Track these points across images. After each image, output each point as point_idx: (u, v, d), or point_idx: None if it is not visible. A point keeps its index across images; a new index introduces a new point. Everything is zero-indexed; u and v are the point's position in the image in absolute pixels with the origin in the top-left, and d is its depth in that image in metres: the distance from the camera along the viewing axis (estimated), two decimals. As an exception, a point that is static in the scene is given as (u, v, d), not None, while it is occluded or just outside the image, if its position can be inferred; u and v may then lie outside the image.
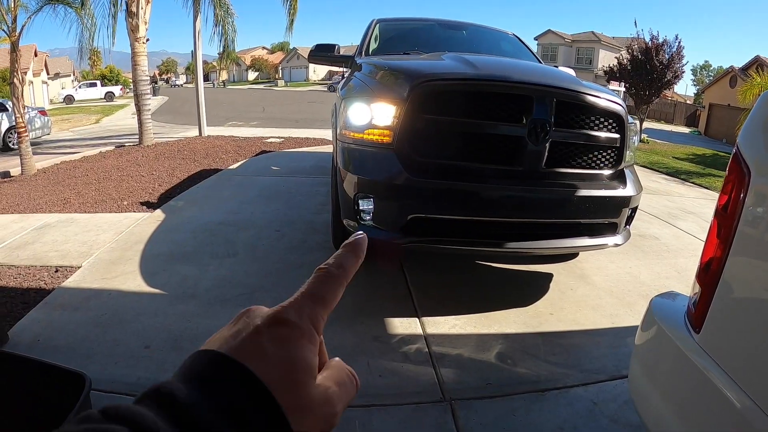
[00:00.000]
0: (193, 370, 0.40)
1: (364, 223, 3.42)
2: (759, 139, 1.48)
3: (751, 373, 1.29)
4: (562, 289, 4.21)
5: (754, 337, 1.33)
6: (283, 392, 0.40)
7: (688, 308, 1.59)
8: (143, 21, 12.86)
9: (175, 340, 3.29)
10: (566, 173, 3.49)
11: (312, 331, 0.45)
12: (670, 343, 1.60)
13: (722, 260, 1.42)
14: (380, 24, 6.13)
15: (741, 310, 1.40)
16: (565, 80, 3.65)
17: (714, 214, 1.55)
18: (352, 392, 0.48)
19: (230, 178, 8.40)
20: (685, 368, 1.51)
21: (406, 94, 3.23)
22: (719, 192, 1.57)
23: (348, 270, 0.50)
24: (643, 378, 1.83)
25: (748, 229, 1.39)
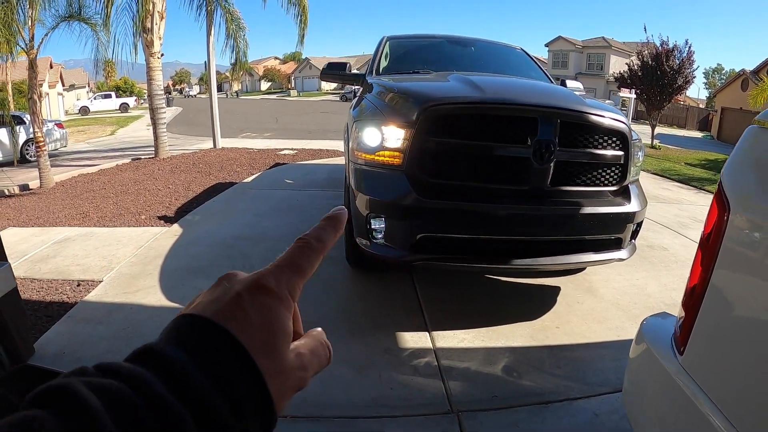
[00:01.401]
0: (178, 333, 0.42)
1: (376, 242, 3.57)
2: (740, 175, 1.57)
3: (729, 397, 1.39)
4: (569, 303, 4.32)
5: (731, 361, 1.43)
6: (262, 356, 0.42)
7: (675, 330, 1.69)
8: (158, 36, 13.10)
9: (196, 354, 3.41)
10: (571, 191, 3.60)
11: (289, 299, 0.47)
12: (657, 362, 1.70)
13: (704, 287, 1.51)
14: (390, 42, 6.27)
15: (720, 336, 1.49)
16: (569, 100, 3.76)
17: (698, 244, 1.63)
18: (324, 362, 0.50)
19: (245, 192, 8.55)
20: (670, 388, 1.60)
21: (414, 118, 3.36)
22: None
23: (326, 242, 0.52)
24: (634, 393, 1.95)
25: (727, 261, 1.47)
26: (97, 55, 12.26)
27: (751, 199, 1.49)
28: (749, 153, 1.59)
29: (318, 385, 3.10)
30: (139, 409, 0.34)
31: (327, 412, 2.87)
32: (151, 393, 0.36)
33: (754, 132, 1.56)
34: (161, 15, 13.25)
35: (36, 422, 0.31)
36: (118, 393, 0.35)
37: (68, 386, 0.34)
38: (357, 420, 2.86)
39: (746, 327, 1.40)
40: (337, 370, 3.24)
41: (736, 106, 35.16)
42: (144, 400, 0.35)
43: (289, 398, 0.45)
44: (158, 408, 0.35)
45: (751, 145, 1.58)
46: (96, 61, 12.51)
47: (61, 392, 0.34)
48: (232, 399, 0.39)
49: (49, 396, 0.34)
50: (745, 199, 1.49)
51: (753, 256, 1.42)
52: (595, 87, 54.98)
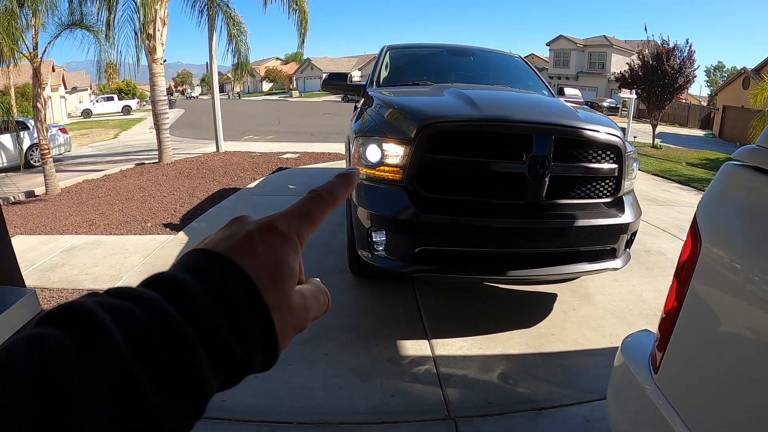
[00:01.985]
0: (190, 264, 0.43)
1: (377, 254, 3.70)
2: (714, 211, 1.65)
3: (698, 416, 1.50)
4: (565, 310, 4.43)
5: (701, 383, 1.54)
6: (270, 292, 0.44)
7: (652, 350, 1.81)
8: (160, 42, 13.24)
9: (206, 362, 3.54)
10: (566, 204, 3.72)
11: (297, 242, 0.49)
12: (634, 379, 1.81)
13: (677, 313, 1.62)
14: (390, 51, 6.39)
15: (690, 359, 1.60)
16: (563, 116, 3.89)
17: (674, 272, 1.74)
18: (324, 308, 0.53)
19: (249, 198, 8.70)
20: (645, 404, 1.71)
21: (413, 135, 3.49)
22: None
23: (337, 197, 0.55)
24: (614, 404, 2.08)
25: (697, 290, 1.57)
26: (99, 62, 12.39)
27: (722, 236, 1.58)
28: (724, 190, 1.66)
29: (324, 392, 3.25)
30: (150, 329, 0.36)
31: (332, 418, 2.99)
32: (162, 314, 0.37)
33: (729, 169, 1.63)
34: (164, 21, 13.39)
35: (48, 339, 0.33)
36: (129, 313, 0.37)
37: (80, 305, 0.36)
38: (360, 426, 2.97)
39: (714, 352, 1.50)
40: (342, 378, 3.38)
41: (738, 104, 35.05)
42: (154, 320, 0.37)
43: (291, 338, 0.48)
44: (168, 328, 0.37)
45: (726, 183, 1.65)
46: (98, 68, 12.64)
47: (73, 310, 0.36)
48: (239, 328, 0.41)
49: (62, 314, 0.36)
50: (716, 235, 1.57)
51: (722, 289, 1.52)
52: (596, 86, 55.01)
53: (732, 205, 1.63)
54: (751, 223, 1.51)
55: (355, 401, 3.15)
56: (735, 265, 1.49)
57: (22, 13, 10.38)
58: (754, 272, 1.39)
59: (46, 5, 10.75)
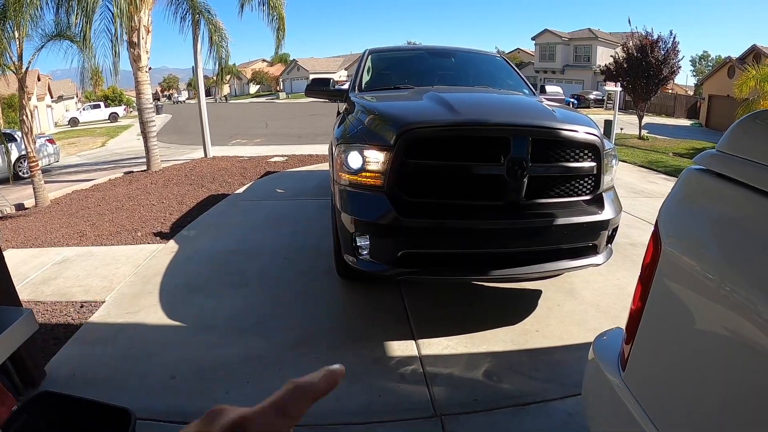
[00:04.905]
0: None
1: (362, 258, 3.79)
2: (673, 215, 1.70)
3: (662, 412, 1.56)
4: (549, 306, 4.51)
5: (663, 381, 1.61)
6: None
7: (620, 347, 1.88)
8: (145, 50, 13.24)
9: (198, 370, 3.59)
10: (545, 203, 3.80)
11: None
12: (604, 376, 1.88)
13: (641, 312, 1.69)
14: (372, 55, 6.47)
15: (653, 357, 1.67)
16: (540, 117, 3.99)
17: (638, 279, 1.79)
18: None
19: (237, 204, 8.72)
20: (614, 400, 1.78)
21: (392, 142, 3.56)
22: None
23: (318, 391, 0.50)
24: (588, 399, 2.15)
25: (659, 292, 1.63)
26: (83, 71, 12.36)
27: (682, 240, 1.63)
28: (685, 195, 1.71)
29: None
30: None
31: (320, 419, 3.03)
32: None
33: (691, 174, 1.68)
34: (147, 29, 13.39)
35: None
36: None
37: None
38: (348, 426, 3.04)
39: (676, 351, 1.57)
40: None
41: (724, 93, 35.14)
42: None
43: None
44: None
45: (687, 188, 1.70)
46: (82, 78, 12.62)
47: None
48: None
49: None
50: (676, 239, 1.62)
51: (682, 291, 1.58)
52: (582, 79, 55.20)
53: (692, 210, 1.68)
54: (710, 229, 1.56)
55: (344, 402, 3.21)
56: (694, 269, 1.53)
57: (6, 25, 10.35)
58: (712, 275, 1.44)
59: (31, 17, 10.72)
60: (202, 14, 14.72)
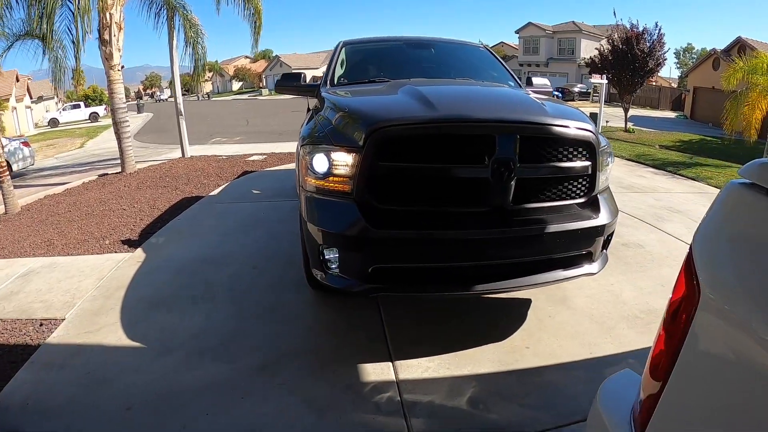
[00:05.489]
0: None
1: (331, 272, 3.41)
2: (713, 244, 1.27)
3: None
4: (540, 317, 4.16)
5: None
6: None
7: (634, 406, 1.44)
8: (117, 48, 12.74)
9: (155, 400, 3.26)
10: (535, 208, 3.43)
11: None
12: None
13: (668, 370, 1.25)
14: (346, 47, 6.05)
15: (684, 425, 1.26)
16: (529, 111, 3.60)
17: (663, 320, 1.34)
18: None
19: (211, 207, 8.34)
20: None
21: (361, 142, 3.17)
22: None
23: None
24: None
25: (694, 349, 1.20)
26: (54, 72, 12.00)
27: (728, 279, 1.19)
28: (727, 217, 1.28)
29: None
30: None
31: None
32: None
33: (734, 190, 1.25)
34: (119, 26, 12.89)
35: None
36: None
37: None
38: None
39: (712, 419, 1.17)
40: (298, 414, 3.08)
41: (708, 85, 35.75)
42: None
43: None
44: None
45: (730, 208, 1.27)
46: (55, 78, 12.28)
47: None
48: None
49: None
50: (720, 278, 1.19)
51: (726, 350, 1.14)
52: (567, 72, 55.63)
53: (739, 237, 1.24)
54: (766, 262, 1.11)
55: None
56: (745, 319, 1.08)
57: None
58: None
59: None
60: (176, 10, 14.32)
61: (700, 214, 7.76)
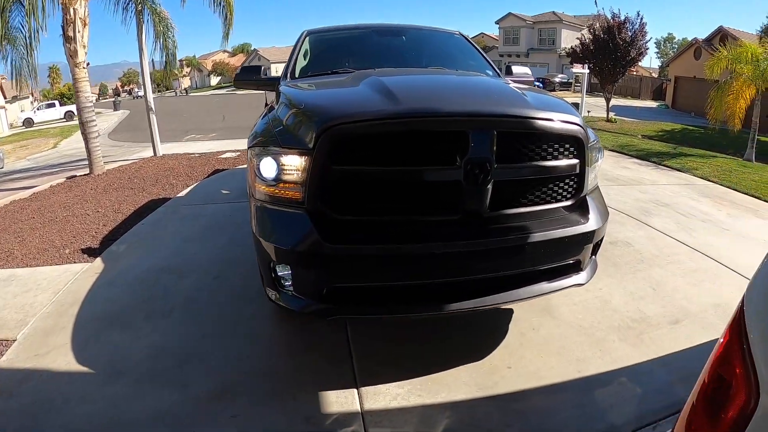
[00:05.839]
0: None
1: (285, 292, 3.01)
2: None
3: None
4: (522, 330, 3.78)
5: None
6: None
7: None
8: (81, 45, 12.18)
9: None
10: (516, 214, 3.04)
11: None
12: None
13: None
14: (310, 36, 5.60)
15: None
16: (507, 103, 3.21)
17: None
18: None
19: (177, 210, 7.89)
20: None
21: (311, 143, 2.75)
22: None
23: None
24: None
25: None
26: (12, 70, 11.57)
27: None
28: None
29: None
30: None
31: None
32: None
33: None
34: (84, 22, 12.33)
35: None
36: None
37: None
38: None
39: None
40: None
41: (690, 74, 35.96)
42: None
43: None
44: None
45: None
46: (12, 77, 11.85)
47: None
48: None
49: None
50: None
51: None
52: (547, 62, 55.82)
53: None
54: None
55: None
56: None
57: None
58: None
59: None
60: (144, 3, 13.88)
61: (687, 206, 7.58)
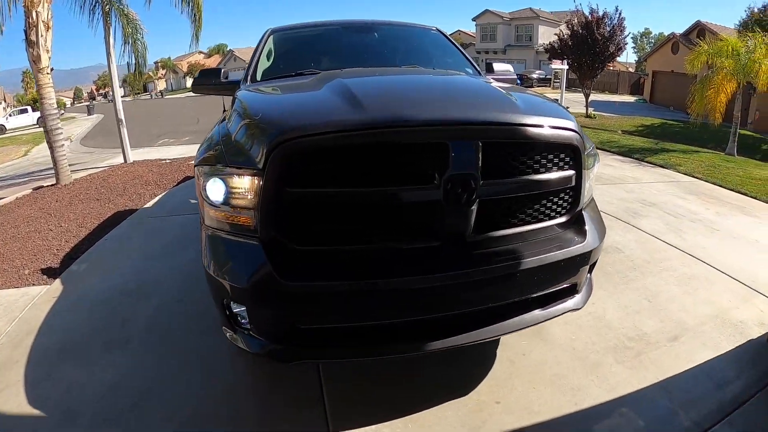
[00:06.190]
0: None
1: (242, 331, 2.62)
2: None
3: None
4: (511, 357, 3.43)
5: None
6: None
7: None
8: (45, 50, 11.67)
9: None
10: (504, 237, 2.65)
11: None
12: None
13: None
14: (275, 35, 5.16)
15: None
16: (494, 107, 2.83)
17: None
18: None
19: (142, 222, 7.48)
20: None
21: (260, 162, 2.34)
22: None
23: None
24: None
25: None
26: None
27: None
28: None
29: None
30: None
31: None
32: None
33: None
34: (47, 25, 11.82)
35: None
36: None
37: None
38: None
39: None
40: None
41: (668, 69, 36.27)
42: None
43: None
44: None
45: None
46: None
47: None
48: None
49: None
50: None
51: None
52: (524, 58, 56.29)
53: None
54: None
55: None
56: None
57: None
58: None
59: None
60: (112, 4, 13.46)
61: (674, 206, 7.32)
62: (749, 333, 3.80)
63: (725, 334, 3.78)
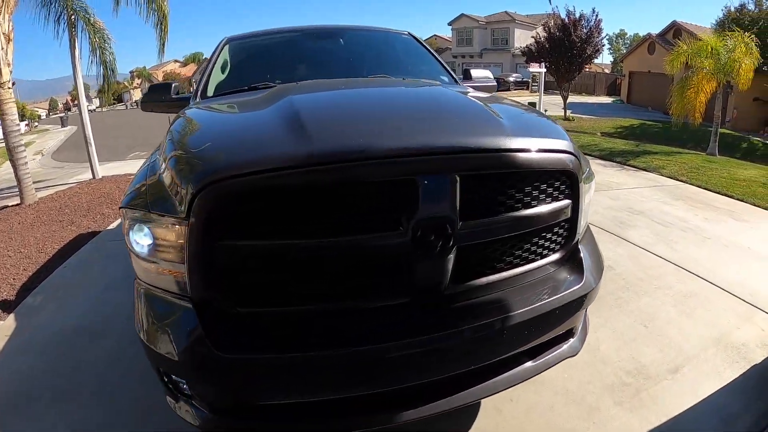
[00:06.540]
0: None
1: (185, 400, 2.19)
2: None
3: None
4: (497, 404, 3.02)
5: None
6: None
7: None
8: (6, 63, 11.14)
9: None
10: (488, 284, 2.20)
11: None
12: None
13: None
14: (231, 44, 4.72)
15: None
16: (475, 128, 2.31)
17: None
18: None
19: (104, 247, 7.02)
20: None
21: (183, 208, 1.91)
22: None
23: None
24: None
25: None
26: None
27: None
28: None
29: None
30: None
31: None
32: None
33: None
34: (8, 38, 11.36)
35: None
36: None
37: None
38: None
39: None
40: None
41: (644, 69, 36.55)
42: None
43: None
44: None
45: None
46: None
47: None
48: None
49: None
50: None
51: None
52: (501, 62, 56.79)
53: None
54: None
55: None
56: None
57: None
58: None
59: None
60: (77, 14, 13.01)
61: (661, 213, 7.02)
62: (752, 357, 3.51)
63: (728, 361, 3.48)
